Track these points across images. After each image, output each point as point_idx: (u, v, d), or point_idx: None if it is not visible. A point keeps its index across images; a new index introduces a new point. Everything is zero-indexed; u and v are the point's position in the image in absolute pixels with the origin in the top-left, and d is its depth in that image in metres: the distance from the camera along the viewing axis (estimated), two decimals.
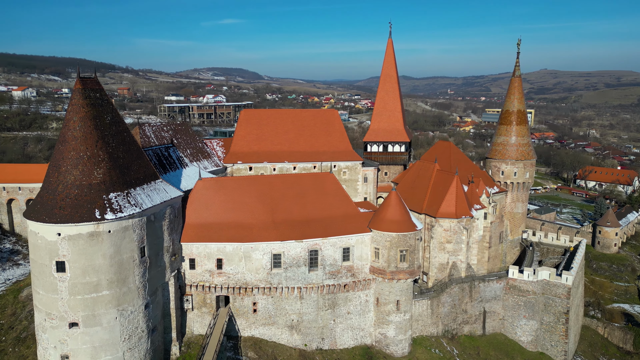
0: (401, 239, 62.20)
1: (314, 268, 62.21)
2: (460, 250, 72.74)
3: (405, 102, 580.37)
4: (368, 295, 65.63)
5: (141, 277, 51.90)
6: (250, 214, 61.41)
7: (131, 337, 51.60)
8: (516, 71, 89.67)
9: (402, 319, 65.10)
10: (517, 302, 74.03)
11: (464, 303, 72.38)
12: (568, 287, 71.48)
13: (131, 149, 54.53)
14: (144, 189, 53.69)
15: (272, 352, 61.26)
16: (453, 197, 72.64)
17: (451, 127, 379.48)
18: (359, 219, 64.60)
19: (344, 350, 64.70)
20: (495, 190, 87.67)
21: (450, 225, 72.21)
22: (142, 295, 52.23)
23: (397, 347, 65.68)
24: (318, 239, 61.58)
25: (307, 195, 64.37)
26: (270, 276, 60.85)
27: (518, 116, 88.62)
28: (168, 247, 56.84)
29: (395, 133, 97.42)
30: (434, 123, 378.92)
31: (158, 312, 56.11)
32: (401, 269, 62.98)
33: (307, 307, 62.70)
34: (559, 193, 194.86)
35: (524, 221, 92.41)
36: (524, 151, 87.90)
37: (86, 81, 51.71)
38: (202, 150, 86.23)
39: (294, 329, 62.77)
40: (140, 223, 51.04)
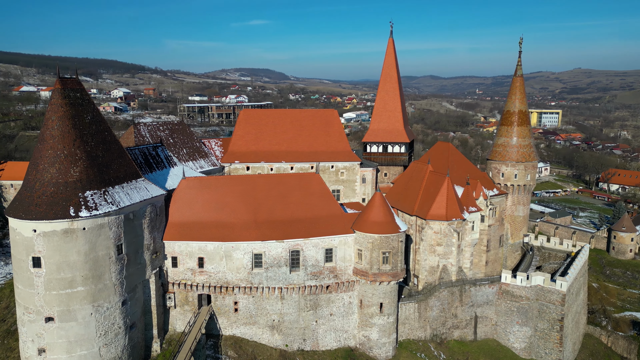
0: (383, 240, 61.44)
1: (296, 268, 62.09)
2: (450, 253, 71.36)
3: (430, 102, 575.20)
4: (352, 297, 65.10)
5: (118, 274, 52.82)
6: (232, 214, 61.74)
7: (107, 333, 52.56)
8: (517, 70, 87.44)
9: (385, 321, 64.29)
10: (509, 307, 72.14)
11: (454, 307, 70.96)
12: (562, 294, 69.21)
13: (112, 148, 55.53)
14: (124, 188, 54.61)
15: (252, 352, 61.45)
16: (444, 199, 71.33)
17: (474, 127, 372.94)
18: (343, 220, 64.14)
19: (326, 352, 64.36)
20: (495, 192, 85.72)
21: (440, 227, 70.93)
22: (119, 292, 53.15)
23: (381, 350, 64.90)
24: (299, 240, 61.44)
25: (291, 196, 64.28)
26: (251, 276, 61.06)
27: (519, 117, 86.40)
28: (149, 245, 57.67)
29: (395, 133, 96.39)
30: (456, 123, 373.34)
31: (137, 309, 56.97)
32: (384, 271, 62.22)
33: (288, 307, 62.63)
34: (579, 196, 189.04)
35: (526, 225, 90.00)
36: (525, 153, 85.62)
37: (66, 81, 52.98)
38: (199, 150, 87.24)
39: (275, 329, 62.80)
40: (117, 221, 51.94)
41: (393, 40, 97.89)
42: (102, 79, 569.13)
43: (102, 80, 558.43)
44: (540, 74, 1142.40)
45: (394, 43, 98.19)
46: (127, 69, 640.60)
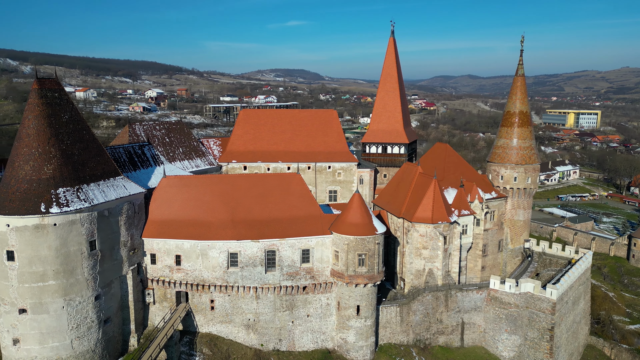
0: (359, 242, 60.70)
1: (272, 269, 62.18)
2: (436, 257, 69.72)
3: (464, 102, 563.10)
4: (329, 299, 64.64)
5: (91, 270, 54.34)
6: (210, 213, 62.42)
7: (80, 326, 54.19)
8: (519, 70, 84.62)
9: (362, 324, 63.47)
10: (498, 314, 69.83)
11: (439, 312, 69.30)
12: (553, 302, 66.41)
13: (89, 147, 57.21)
14: (99, 185, 56.16)
15: (227, 350, 61.97)
16: (430, 201, 69.76)
17: None
18: (322, 220, 63.76)
19: (302, 353, 64.14)
20: (493, 195, 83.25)
21: (426, 230, 69.43)
22: (91, 287, 54.68)
23: (358, 353, 64.13)
24: (275, 240, 61.49)
25: (270, 196, 64.41)
26: (226, 274, 61.57)
27: (520, 118, 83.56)
28: (126, 242, 59.05)
29: (394, 134, 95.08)
30: (488, 124, 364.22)
31: (113, 304, 58.42)
32: (360, 274, 61.45)
33: (264, 307, 62.80)
34: (608, 201, 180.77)
35: (527, 229, 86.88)
36: (525, 155, 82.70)
37: (44, 82, 54.79)
38: (195, 149, 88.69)
39: (250, 328, 63.11)
40: (89, 217, 53.45)
41: (394, 40, 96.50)
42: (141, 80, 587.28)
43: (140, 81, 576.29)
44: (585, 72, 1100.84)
45: (395, 43, 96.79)
46: (165, 70, 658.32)
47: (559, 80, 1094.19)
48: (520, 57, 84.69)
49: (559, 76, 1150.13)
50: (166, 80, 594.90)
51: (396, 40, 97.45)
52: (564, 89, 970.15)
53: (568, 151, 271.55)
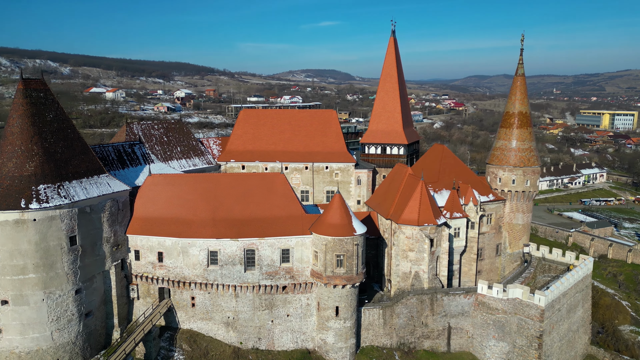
0: (337, 243, 60.42)
1: (251, 267, 62.65)
2: (422, 260, 68.60)
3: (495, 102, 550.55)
4: (310, 299, 64.58)
5: (71, 264, 56.10)
6: (192, 211, 63.40)
7: (60, 318, 56.01)
8: (519, 69, 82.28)
9: (342, 326, 63.13)
10: (486, 320, 68.09)
11: (424, 316, 68.13)
12: (541, 309, 64.26)
13: (74, 145, 59.14)
14: (82, 182, 57.94)
15: (206, 347, 62.81)
16: (417, 203, 68.69)
17: (536, 129, 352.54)
18: (303, 221, 63.77)
19: (281, 353, 64.33)
20: (490, 198, 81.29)
21: (412, 232, 68.41)
22: (72, 281, 56.44)
23: (337, 354, 63.83)
24: (254, 239, 61.93)
25: (252, 195, 64.89)
26: (206, 272, 62.42)
27: (519, 119, 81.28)
28: (108, 238, 60.70)
29: (393, 135, 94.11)
30: None
31: (95, 298, 60.11)
32: (338, 274, 61.15)
33: (243, 305, 63.32)
34: (635, 206, 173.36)
35: (526, 234, 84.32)
36: (524, 157, 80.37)
37: (29, 82, 56.88)
38: (194, 148, 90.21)
39: (229, 326, 63.75)
40: (69, 213, 55.20)
41: (394, 39, 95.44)
42: (174, 81, 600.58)
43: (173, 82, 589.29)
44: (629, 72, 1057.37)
45: (395, 42, 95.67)
46: (197, 71, 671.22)
47: (600, 80, 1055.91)
48: (520, 56, 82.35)
49: (600, 75, 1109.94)
50: (198, 81, 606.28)
51: (397, 40, 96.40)
52: (605, 88, 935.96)
53: (599, 153, 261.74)
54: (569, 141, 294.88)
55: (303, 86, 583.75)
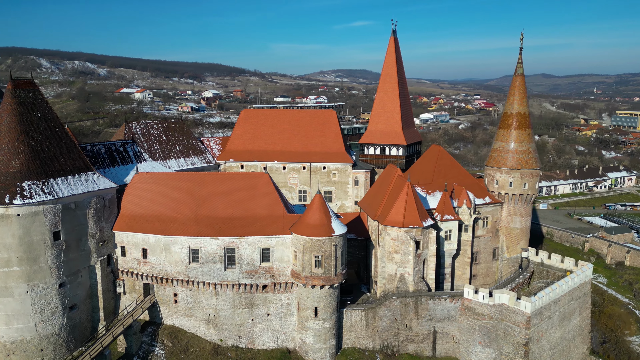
0: (315, 243, 60.31)
1: (231, 266, 63.26)
2: (407, 262, 67.62)
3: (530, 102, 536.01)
4: (290, 299, 64.69)
5: (55, 258, 58.07)
6: (176, 209, 64.52)
7: (43, 310, 58.06)
8: (518, 69, 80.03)
9: (321, 326, 62.96)
10: (472, 325, 66.49)
11: (408, 319, 67.11)
12: (527, 316, 62.29)
13: (61, 143, 61.24)
14: (67, 180, 59.91)
15: (187, 343, 63.83)
16: (402, 204, 67.77)
17: (569, 130, 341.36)
18: (284, 220, 63.92)
19: (261, 351, 64.69)
20: (487, 201, 79.42)
21: (397, 234, 67.53)
22: (55, 275, 58.41)
23: (316, 355, 63.71)
24: (234, 238, 62.51)
25: (235, 194, 65.49)
26: (188, 270, 63.41)
27: (518, 119, 78.99)
28: (94, 234, 62.52)
29: (392, 135, 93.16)
30: (548, 126, 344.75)
31: (80, 292, 62.00)
32: (316, 275, 61.03)
33: (223, 303, 64.00)
34: None
35: (525, 238, 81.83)
36: (522, 159, 78.03)
37: (18, 82, 59.21)
38: (194, 147, 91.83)
39: (210, 323, 64.55)
40: (53, 209, 57.17)
41: (394, 39, 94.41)
42: (205, 82, 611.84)
43: (204, 83, 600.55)
44: None
45: (396, 42, 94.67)
46: (229, 72, 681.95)
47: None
48: (519, 55, 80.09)
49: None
50: (228, 81, 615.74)
51: (398, 40, 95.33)
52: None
53: (633, 156, 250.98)
54: (602, 143, 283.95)
55: (332, 86, 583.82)
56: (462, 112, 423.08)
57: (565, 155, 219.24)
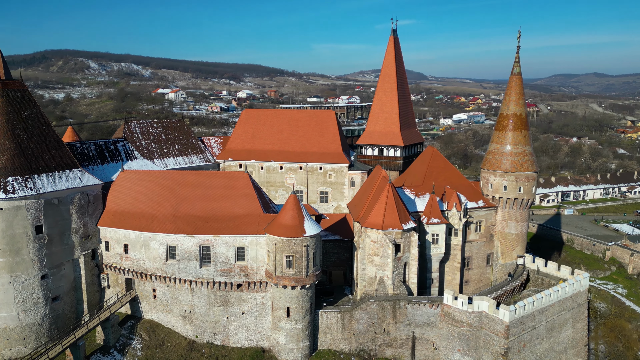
0: (285, 243, 60.23)
1: (207, 264, 64.07)
2: (386, 265, 66.38)
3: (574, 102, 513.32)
4: (265, 298, 64.86)
5: (37, 251, 60.66)
6: (156, 206, 65.97)
7: (26, 301, 60.76)
8: (515, 68, 76.88)
9: (293, 327, 62.78)
10: (451, 332, 64.50)
11: (386, 323, 65.86)
12: (505, 324, 59.85)
13: (47, 141, 63.89)
14: (52, 176, 62.45)
15: (164, 338, 65.19)
16: (382, 206, 66.60)
17: (614, 132, 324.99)
18: (259, 220, 64.16)
19: (235, 349, 65.20)
20: (480, 204, 76.96)
21: (377, 236, 66.43)
22: (37, 267, 60.99)
23: (289, 355, 63.58)
24: (210, 236, 63.27)
25: (214, 193, 66.27)
26: (165, 266, 64.73)
27: (514, 121, 75.96)
28: (77, 229, 64.86)
29: (390, 136, 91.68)
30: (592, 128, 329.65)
31: (63, 284, 64.42)
32: (287, 275, 60.94)
33: (198, 300, 64.91)
34: None
35: (521, 244, 78.52)
36: (518, 162, 75.01)
37: (7, 83, 62.10)
38: (193, 146, 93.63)
39: (186, 319, 65.63)
40: (35, 204, 59.75)
41: (394, 38, 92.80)
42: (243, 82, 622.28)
43: (242, 83, 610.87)
44: None
45: (396, 41, 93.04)
46: (267, 72, 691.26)
47: None
48: (516, 54, 76.88)
49: None
50: (266, 82, 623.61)
51: (399, 39, 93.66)
52: None
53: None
54: None
55: (368, 86, 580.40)
56: None
57: (601, 159, 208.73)
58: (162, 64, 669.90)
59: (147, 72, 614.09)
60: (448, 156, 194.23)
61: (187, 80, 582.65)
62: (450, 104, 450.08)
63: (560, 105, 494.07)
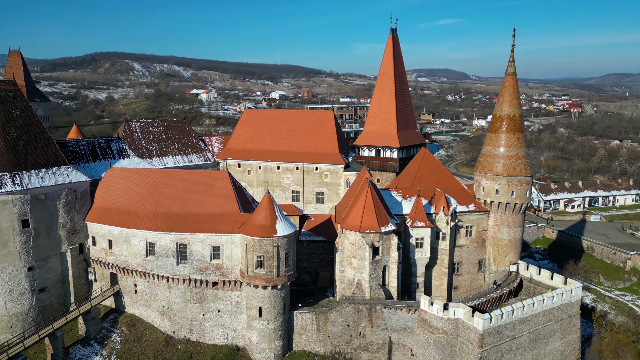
0: (256, 243, 60.40)
1: (183, 261, 65.11)
2: (364, 268, 65.37)
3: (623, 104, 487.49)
4: (240, 297, 65.24)
5: (23, 244, 63.54)
6: (139, 204, 67.62)
7: (12, 291, 63.75)
8: (509, 67, 73.98)
9: (265, 327, 62.83)
10: (427, 339, 62.73)
11: (362, 327, 64.83)
12: (479, 333, 57.69)
13: (37, 139, 66.83)
14: (39, 172, 65.26)
15: (142, 332, 66.76)
16: (361, 208, 65.64)
17: None
18: (235, 219, 64.60)
19: (210, 346, 65.91)
20: (471, 208, 74.63)
21: (355, 238, 65.51)
22: (24, 259, 63.88)
23: (261, 355, 63.70)
24: (186, 234, 64.28)
25: (194, 191, 67.23)
26: (145, 262, 66.25)
27: (508, 122, 73.05)
28: (64, 224, 67.44)
29: (387, 137, 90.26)
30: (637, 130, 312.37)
31: (50, 277, 67.13)
32: (258, 275, 61.10)
33: (176, 297, 66.05)
34: None
35: (514, 250, 75.31)
36: (510, 165, 72.13)
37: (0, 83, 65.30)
38: (194, 145, 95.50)
39: (164, 315, 66.93)
40: (22, 199, 62.61)
41: (392, 38, 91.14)
42: (280, 82, 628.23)
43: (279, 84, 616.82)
44: None
45: (394, 40, 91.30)
46: (305, 72, 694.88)
47: None
48: (511, 53, 73.95)
49: None
50: (303, 82, 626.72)
51: (398, 38, 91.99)
52: None
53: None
54: None
55: None
56: (542, 114, 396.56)
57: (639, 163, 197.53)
58: (203, 65, 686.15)
59: (188, 73, 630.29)
60: (473, 158, 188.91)
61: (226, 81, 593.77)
62: (489, 105, 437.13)
63: (608, 106, 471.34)
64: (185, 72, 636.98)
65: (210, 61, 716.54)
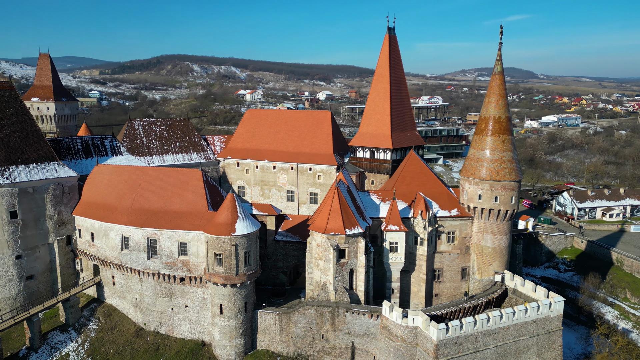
0: (215, 241, 61.20)
1: (154, 256, 67.10)
2: (329, 270, 64.41)
3: None
4: (206, 294, 66.29)
5: (11, 234, 68.15)
6: (118, 199, 70.44)
7: (1, 277, 68.57)
8: (496, 67, 70.18)
9: (226, 324, 63.49)
10: (388, 346, 60.79)
11: (324, 330, 63.90)
12: (434, 343, 55.16)
13: (29, 136, 71.43)
14: (29, 167, 69.74)
15: (117, 322, 69.55)
16: (327, 210, 64.75)
17: None
18: (203, 217, 65.70)
19: (178, 340, 67.47)
20: (453, 213, 71.66)
21: (321, 240, 64.74)
22: (12, 248, 68.50)
23: (222, 351, 64.41)
24: (156, 229, 66.22)
25: (169, 189, 69.09)
26: (121, 255, 68.93)
27: (494, 125, 69.27)
28: (52, 216, 71.60)
29: (381, 138, 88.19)
30: None
31: (37, 265, 71.44)
32: (217, 273, 61.89)
33: (146, 290, 68.20)
34: None
35: (499, 259, 71.16)
36: (494, 169, 68.34)
37: None
38: (195, 144, 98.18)
39: (137, 307, 69.29)
40: (10, 192, 67.20)
41: (389, 37, 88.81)
42: (333, 83, 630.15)
43: (332, 84, 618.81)
44: None
45: (391, 40, 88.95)
46: (359, 73, 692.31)
47: None
48: (498, 51, 70.10)
49: None
50: (357, 82, 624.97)
51: (396, 37, 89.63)
52: None
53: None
54: None
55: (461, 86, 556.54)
56: (608, 115, 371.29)
57: None
58: (259, 66, 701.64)
59: (244, 74, 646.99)
60: None
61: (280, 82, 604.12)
62: (549, 105, 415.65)
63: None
64: (242, 73, 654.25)
65: (266, 62, 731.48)
